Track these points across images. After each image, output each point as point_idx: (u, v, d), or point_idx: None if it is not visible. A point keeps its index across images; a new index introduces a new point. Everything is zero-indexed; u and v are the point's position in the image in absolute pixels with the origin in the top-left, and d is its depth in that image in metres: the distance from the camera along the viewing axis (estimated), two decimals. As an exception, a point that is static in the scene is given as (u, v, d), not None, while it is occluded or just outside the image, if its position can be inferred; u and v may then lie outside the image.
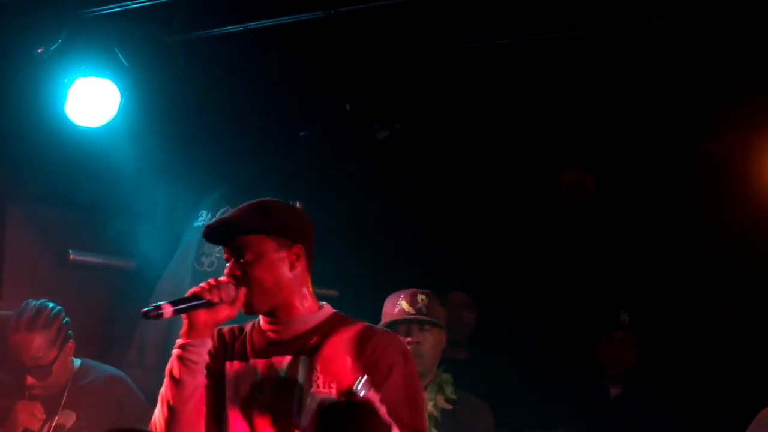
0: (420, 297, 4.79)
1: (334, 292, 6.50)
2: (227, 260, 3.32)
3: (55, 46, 4.87)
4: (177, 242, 5.86)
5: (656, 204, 5.90)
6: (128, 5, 4.67)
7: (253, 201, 3.38)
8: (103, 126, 5.15)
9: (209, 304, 3.21)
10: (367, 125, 5.75)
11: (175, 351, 3.28)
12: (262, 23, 4.82)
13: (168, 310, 3.15)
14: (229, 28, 4.92)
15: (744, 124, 5.28)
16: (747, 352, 5.65)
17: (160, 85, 5.29)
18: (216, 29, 4.98)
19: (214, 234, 3.38)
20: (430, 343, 4.74)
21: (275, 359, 3.31)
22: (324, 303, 3.45)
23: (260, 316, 3.39)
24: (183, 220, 5.91)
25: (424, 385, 4.65)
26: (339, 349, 3.18)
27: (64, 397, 4.74)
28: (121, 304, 5.94)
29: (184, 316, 3.25)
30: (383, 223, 6.10)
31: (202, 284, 3.25)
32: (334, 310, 3.43)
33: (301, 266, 3.34)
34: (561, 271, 6.06)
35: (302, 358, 3.27)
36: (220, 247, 3.39)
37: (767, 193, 5.27)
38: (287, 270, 3.31)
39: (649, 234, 5.94)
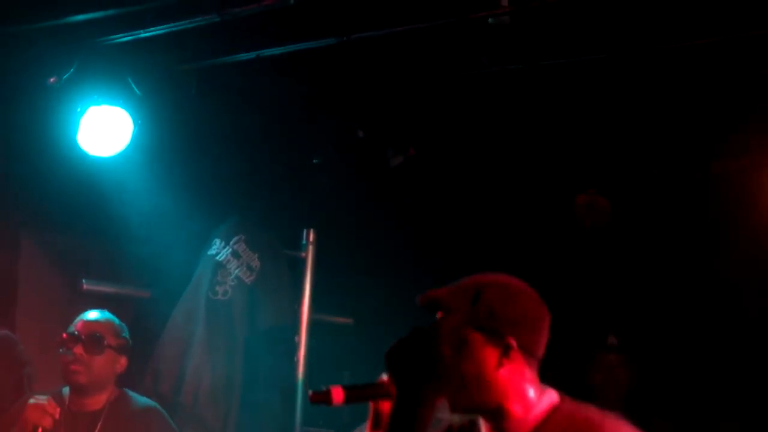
0: None
1: (349, 320, 6.50)
2: None
3: (67, 75, 4.88)
4: (191, 271, 5.84)
5: (670, 228, 5.87)
6: (140, 34, 4.66)
7: (469, 278, 2.92)
8: (116, 155, 5.14)
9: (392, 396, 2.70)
10: (381, 152, 5.74)
11: None
12: (275, 50, 4.81)
13: (339, 395, 2.69)
14: (242, 56, 4.91)
15: (760, 147, 5.25)
16: (749, 371, 5.61)
17: (172, 113, 5.29)
18: (228, 57, 4.98)
19: (424, 305, 2.94)
20: None
21: None
22: (548, 395, 2.84)
23: None
24: (196, 249, 5.89)
25: None
26: None
27: (99, 424, 4.68)
28: (135, 333, 5.90)
29: (371, 404, 2.81)
30: (397, 250, 6.08)
31: None
32: (556, 403, 2.84)
33: (513, 363, 2.75)
34: (577, 296, 6.03)
35: None
36: (234, 275, 3.15)
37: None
38: (494, 367, 2.75)
39: (663, 257, 5.91)
